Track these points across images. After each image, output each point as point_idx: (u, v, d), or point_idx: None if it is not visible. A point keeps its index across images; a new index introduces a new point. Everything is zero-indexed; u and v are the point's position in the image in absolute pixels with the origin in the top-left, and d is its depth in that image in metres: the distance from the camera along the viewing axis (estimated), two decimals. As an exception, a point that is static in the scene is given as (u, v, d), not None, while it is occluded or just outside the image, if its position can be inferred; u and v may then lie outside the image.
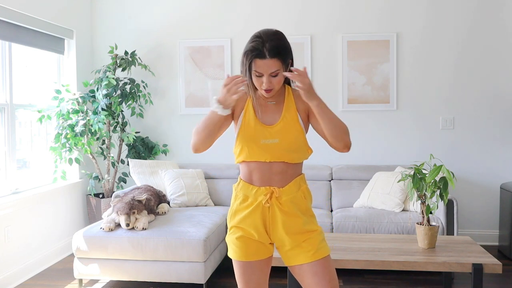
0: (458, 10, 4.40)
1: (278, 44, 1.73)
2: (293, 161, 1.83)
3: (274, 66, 1.71)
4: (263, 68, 1.72)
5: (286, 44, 1.77)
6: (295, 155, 1.83)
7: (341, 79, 4.52)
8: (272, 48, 1.70)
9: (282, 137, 1.81)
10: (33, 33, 3.94)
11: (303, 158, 1.87)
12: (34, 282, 3.60)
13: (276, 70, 1.72)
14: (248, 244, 1.82)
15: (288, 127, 1.82)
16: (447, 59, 4.44)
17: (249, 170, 1.85)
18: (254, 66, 1.73)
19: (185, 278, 3.22)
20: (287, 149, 1.81)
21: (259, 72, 1.73)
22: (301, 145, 1.83)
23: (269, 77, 1.74)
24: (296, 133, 1.82)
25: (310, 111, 1.84)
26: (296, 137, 1.82)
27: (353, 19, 4.52)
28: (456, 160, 4.42)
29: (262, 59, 1.70)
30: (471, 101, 4.42)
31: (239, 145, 1.85)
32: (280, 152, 1.81)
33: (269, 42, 1.71)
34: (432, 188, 2.73)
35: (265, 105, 1.87)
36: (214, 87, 4.67)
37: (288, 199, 1.82)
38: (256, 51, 1.70)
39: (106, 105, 4.25)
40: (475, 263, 2.53)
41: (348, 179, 4.29)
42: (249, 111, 1.85)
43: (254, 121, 1.84)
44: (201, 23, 4.68)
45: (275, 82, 1.75)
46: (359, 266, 2.62)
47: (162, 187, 4.17)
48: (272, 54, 1.70)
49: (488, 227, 4.43)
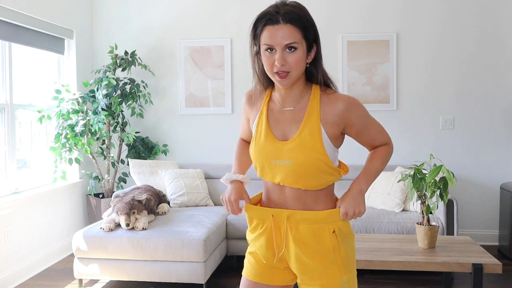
0: (458, 10, 4.40)
1: (297, 10, 1.36)
2: (311, 188, 1.46)
3: (290, 35, 1.32)
4: (275, 38, 1.33)
5: (308, 15, 1.38)
6: (312, 182, 1.44)
7: (341, 79, 4.52)
8: (288, 12, 1.34)
9: (295, 158, 1.41)
10: (33, 33, 3.94)
11: (327, 184, 1.47)
12: (34, 282, 3.60)
13: (292, 41, 1.33)
14: (258, 262, 1.57)
15: (304, 146, 1.40)
16: (447, 59, 4.43)
17: (266, 188, 1.56)
18: (263, 39, 1.36)
19: (185, 278, 3.22)
20: (300, 175, 1.42)
21: (269, 44, 1.34)
22: (321, 169, 1.41)
23: (283, 52, 1.33)
24: (315, 154, 1.39)
25: (348, 125, 1.44)
26: (315, 159, 1.39)
27: (353, 19, 4.52)
28: (456, 160, 4.42)
29: (274, 24, 1.33)
30: (471, 101, 4.42)
31: (252, 159, 1.54)
32: (292, 178, 1.43)
33: (285, 7, 1.35)
34: (432, 188, 2.73)
35: (281, 112, 1.47)
36: (214, 87, 4.67)
37: (308, 228, 1.45)
38: (268, 16, 1.36)
39: (106, 105, 4.25)
40: (475, 263, 2.53)
41: (348, 179, 4.25)
42: (263, 118, 1.49)
43: (266, 133, 1.47)
44: (201, 23, 4.68)
45: (292, 61, 1.34)
46: (359, 266, 2.62)
47: (162, 187, 4.17)
48: (287, 18, 1.33)
49: (488, 227, 4.43)
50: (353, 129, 1.47)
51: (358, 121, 1.45)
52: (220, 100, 4.66)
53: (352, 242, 1.53)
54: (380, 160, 1.53)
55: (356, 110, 1.44)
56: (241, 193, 1.57)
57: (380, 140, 1.55)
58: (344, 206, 1.47)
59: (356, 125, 1.46)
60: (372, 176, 1.52)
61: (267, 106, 1.51)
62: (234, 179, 1.58)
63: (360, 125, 1.47)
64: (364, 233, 3.49)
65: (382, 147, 1.56)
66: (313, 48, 1.41)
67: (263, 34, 1.36)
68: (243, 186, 1.59)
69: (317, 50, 1.42)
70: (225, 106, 4.66)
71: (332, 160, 1.44)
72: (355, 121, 1.45)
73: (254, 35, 1.41)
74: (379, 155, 1.54)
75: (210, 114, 4.69)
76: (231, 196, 1.56)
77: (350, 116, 1.43)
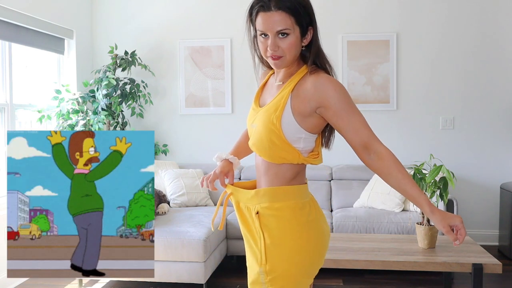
0: (458, 10, 4.40)
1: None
2: (269, 160, 1.45)
3: (281, 22, 1.36)
4: (267, 24, 1.37)
5: (301, 1, 1.40)
6: (267, 152, 1.43)
7: (341, 79, 4.52)
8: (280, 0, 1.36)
9: (258, 122, 1.45)
10: (33, 33, 3.94)
11: (282, 160, 1.43)
12: (34, 282, 3.60)
13: (284, 28, 1.36)
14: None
15: (266, 112, 1.43)
16: (447, 59, 4.43)
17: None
18: (258, 25, 1.41)
19: (185, 278, 3.22)
20: (258, 139, 1.44)
21: (262, 30, 1.39)
22: (272, 140, 1.40)
23: (275, 38, 1.38)
24: (269, 124, 1.40)
25: (323, 105, 1.38)
26: (269, 128, 1.40)
27: (353, 19, 4.52)
28: (456, 160, 4.42)
29: (266, 11, 1.38)
30: (471, 101, 4.42)
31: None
32: (254, 141, 1.47)
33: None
34: (432, 188, 2.73)
35: (273, 85, 1.52)
36: (214, 87, 4.67)
37: (244, 207, 1.48)
38: (261, 2, 1.39)
39: (106, 105, 4.25)
40: (475, 263, 2.53)
41: (348, 179, 4.29)
42: (259, 88, 1.60)
43: (254, 100, 1.56)
44: (201, 23, 4.68)
45: (285, 46, 1.38)
46: (359, 266, 2.62)
47: (162, 187, 4.17)
48: (277, 5, 1.36)
49: (488, 227, 4.43)
50: (329, 112, 1.38)
51: (333, 102, 1.36)
52: (220, 100, 4.66)
53: (297, 235, 1.41)
54: (401, 174, 1.37)
55: (329, 90, 1.37)
56: (227, 170, 1.60)
57: (367, 135, 1.39)
58: (458, 220, 1.32)
59: (331, 107, 1.37)
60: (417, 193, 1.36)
61: (267, 79, 1.59)
62: (224, 157, 1.62)
63: (336, 109, 1.37)
64: (364, 233, 3.50)
65: (386, 160, 1.38)
66: (309, 31, 1.43)
67: (257, 20, 1.41)
68: (231, 166, 1.61)
69: (313, 33, 1.44)
70: (225, 106, 4.66)
71: (288, 136, 1.40)
72: (330, 102, 1.37)
73: (250, 20, 1.46)
74: (392, 170, 1.37)
75: (210, 114, 4.69)
76: (216, 169, 1.61)
77: (322, 94, 1.37)
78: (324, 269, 3.79)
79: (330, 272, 3.60)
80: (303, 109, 1.39)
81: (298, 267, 1.41)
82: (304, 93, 1.39)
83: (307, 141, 1.44)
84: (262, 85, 1.59)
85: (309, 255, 1.43)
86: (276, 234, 1.41)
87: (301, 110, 1.39)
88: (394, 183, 1.36)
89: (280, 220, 1.41)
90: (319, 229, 1.47)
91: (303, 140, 1.43)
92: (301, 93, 1.40)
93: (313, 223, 1.45)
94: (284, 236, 1.41)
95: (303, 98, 1.39)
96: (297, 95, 1.40)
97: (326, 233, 1.52)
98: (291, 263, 1.41)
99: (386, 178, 1.38)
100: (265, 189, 1.44)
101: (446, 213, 1.31)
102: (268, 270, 1.40)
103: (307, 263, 1.43)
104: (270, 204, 1.42)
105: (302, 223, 1.43)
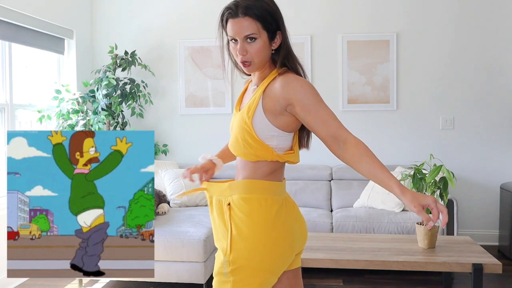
0: (458, 9, 4.40)
1: (255, 3, 1.45)
2: (243, 157, 1.52)
3: (248, 27, 1.44)
4: (236, 30, 1.45)
5: (267, 5, 1.47)
6: (241, 150, 1.51)
7: (341, 79, 4.52)
8: (246, 6, 1.44)
9: (233, 124, 1.57)
10: (33, 33, 3.94)
11: (256, 157, 1.49)
12: (34, 282, 3.60)
13: (251, 32, 1.44)
14: None
15: (240, 114, 1.52)
16: (447, 59, 4.43)
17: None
18: (228, 31, 1.49)
19: (185, 278, 3.22)
20: (233, 140, 1.54)
21: (232, 35, 1.47)
22: (244, 138, 1.48)
23: (243, 42, 1.46)
24: (242, 123, 1.48)
25: (291, 103, 1.43)
26: (241, 127, 1.48)
27: (353, 19, 4.52)
28: (456, 160, 4.42)
29: (234, 18, 1.46)
30: (471, 101, 4.42)
31: None
32: (230, 142, 1.57)
33: (244, 1, 1.46)
34: (432, 188, 2.73)
35: (249, 90, 1.63)
36: (214, 87, 4.67)
37: (218, 200, 1.54)
38: (228, 10, 1.48)
39: (106, 105, 4.25)
40: (475, 263, 2.53)
41: (348, 179, 4.29)
42: (240, 94, 1.70)
43: (235, 106, 1.66)
44: (201, 23, 4.68)
45: (253, 51, 1.46)
46: (359, 266, 2.62)
47: (162, 187, 4.17)
48: (244, 11, 1.43)
49: (488, 227, 4.43)
50: (297, 108, 1.42)
51: (300, 98, 1.41)
52: (220, 100, 4.67)
53: (263, 231, 1.45)
54: (371, 159, 1.36)
55: (296, 87, 1.43)
56: (208, 168, 1.69)
57: (335, 126, 1.40)
58: (430, 199, 1.30)
59: (298, 103, 1.41)
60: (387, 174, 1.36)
61: (246, 86, 1.70)
62: (208, 158, 1.71)
63: (303, 104, 1.41)
64: (364, 233, 3.50)
65: (355, 147, 1.37)
66: (278, 35, 1.50)
67: (227, 27, 1.48)
68: (213, 167, 1.71)
69: (282, 37, 1.51)
70: (225, 106, 4.66)
71: (260, 134, 1.46)
72: (297, 98, 1.42)
73: (222, 26, 1.53)
74: (362, 158, 1.36)
75: (210, 114, 4.69)
76: (198, 164, 1.70)
77: (290, 91, 1.43)
78: (324, 269, 3.76)
79: (330, 272, 3.60)
80: (273, 107, 1.46)
81: (259, 261, 1.45)
82: (273, 92, 1.45)
83: (281, 139, 1.49)
84: (242, 92, 1.68)
85: (272, 252, 1.46)
86: (243, 226, 1.45)
87: (271, 109, 1.46)
88: (365, 169, 1.35)
89: (248, 214, 1.46)
90: (289, 229, 1.50)
91: (276, 138, 1.49)
92: (271, 92, 1.46)
93: (280, 221, 1.48)
94: (250, 230, 1.45)
95: (272, 98, 1.45)
96: (267, 95, 1.47)
97: (298, 236, 1.54)
98: (253, 257, 1.44)
99: (357, 166, 1.38)
100: (238, 181, 1.50)
101: (418, 193, 1.30)
102: (231, 260, 1.44)
103: (268, 260, 1.46)
104: (240, 196, 1.47)
105: (269, 219, 1.46)
